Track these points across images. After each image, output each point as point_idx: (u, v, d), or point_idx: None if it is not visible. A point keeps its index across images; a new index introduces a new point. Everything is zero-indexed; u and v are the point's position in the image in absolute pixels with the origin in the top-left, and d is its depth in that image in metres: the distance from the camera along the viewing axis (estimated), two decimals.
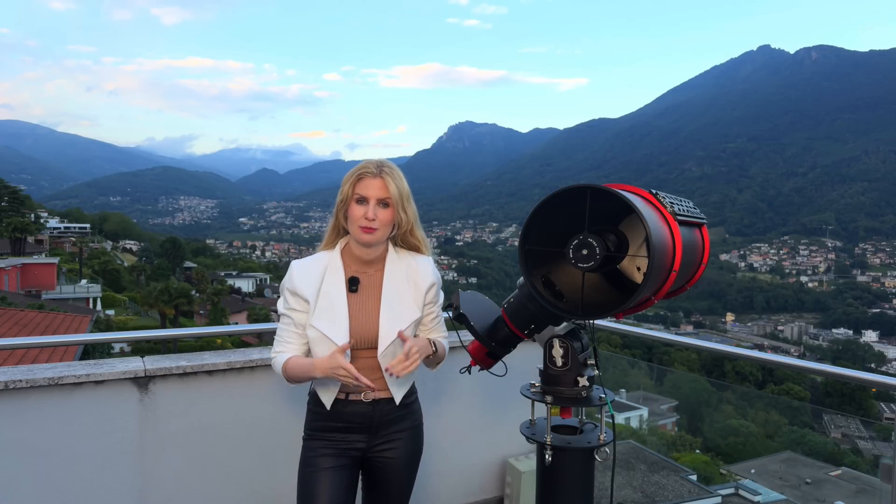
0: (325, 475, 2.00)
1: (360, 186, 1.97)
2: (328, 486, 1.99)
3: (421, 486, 2.33)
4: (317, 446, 2.05)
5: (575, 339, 1.90)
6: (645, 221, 1.48)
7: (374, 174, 1.97)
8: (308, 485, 2.01)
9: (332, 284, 2.01)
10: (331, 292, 2.00)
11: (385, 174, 1.97)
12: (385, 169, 1.98)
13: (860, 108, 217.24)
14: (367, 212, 1.94)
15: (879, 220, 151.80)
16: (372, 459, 2.10)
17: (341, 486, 2.01)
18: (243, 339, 21.32)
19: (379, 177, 1.97)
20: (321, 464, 2.02)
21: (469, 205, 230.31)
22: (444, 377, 3.37)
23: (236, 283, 61.55)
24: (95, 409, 2.60)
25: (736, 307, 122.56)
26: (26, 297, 28.92)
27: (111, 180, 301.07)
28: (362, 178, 1.97)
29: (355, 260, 2.06)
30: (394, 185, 1.96)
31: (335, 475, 2.01)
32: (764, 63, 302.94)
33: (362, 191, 1.96)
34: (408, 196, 2.02)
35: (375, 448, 2.08)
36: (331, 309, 1.99)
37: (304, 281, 2.01)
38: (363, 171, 1.98)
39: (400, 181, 1.99)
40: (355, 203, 1.97)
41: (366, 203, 1.95)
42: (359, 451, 2.07)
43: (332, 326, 1.97)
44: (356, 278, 2.04)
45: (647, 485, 4.52)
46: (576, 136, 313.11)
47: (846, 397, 27.78)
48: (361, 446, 2.06)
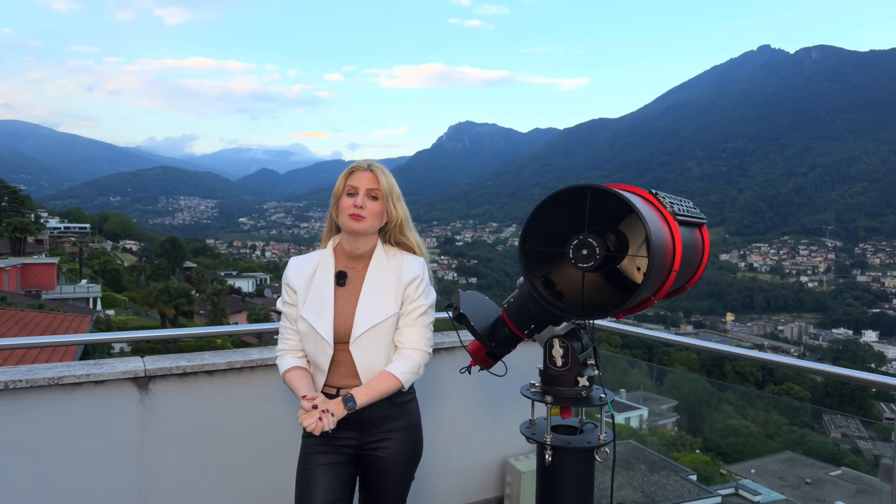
0: (320, 471, 2.04)
1: (351, 179, 2.09)
2: (323, 482, 2.03)
3: (421, 486, 2.33)
4: (313, 443, 2.09)
5: (575, 339, 1.90)
6: (645, 221, 1.48)
7: (364, 169, 2.10)
8: (304, 480, 2.06)
9: (322, 279, 2.10)
10: (320, 286, 2.09)
11: (374, 169, 2.10)
12: (374, 165, 2.11)
13: (860, 108, 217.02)
14: (356, 200, 2.04)
15: (879, 220, 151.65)
16: (366, 457, 2.12)
17: (336, 483, 2.04)
18: (243, 339, 21.33)
19: (369, 170, 2.09)
20: (317, 460, 2.06)
21: (469, 205, 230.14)
22: (444, 377, 3.37)
23: (236, 283, 61.50)
24: (95, 409, 2.61)
25: (736, 307, 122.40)
26: (26, 297, 28.91)
27: (111, 180, 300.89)
28: (353, 172, 2.10)
29: (346, 255, 2.13)
30: (383, 178, 2.09)
31: (330, 471, 2.05)
32: (764, 63, 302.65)
33: (353, 182, 2.08)
34: (398, 194, 2.13)
35: (368, 446, 2.10)
36: (319, 302, 2.07)
37: (296, 274, 2.12)
38: (355, 167, 2.12)
39: (389, 178, 2.11)
40: (346, 195, 2.07)
41: (355, 194, 2.06)
42: (352, 447, 2.10)
43: (318, 320, 2.05)
44: (344, 273, 2.11)
45: (647, 485, 4.52)
46: (576, 136, 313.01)
47: (846, 397, 27.74)
48: (353, 443, 2.09)
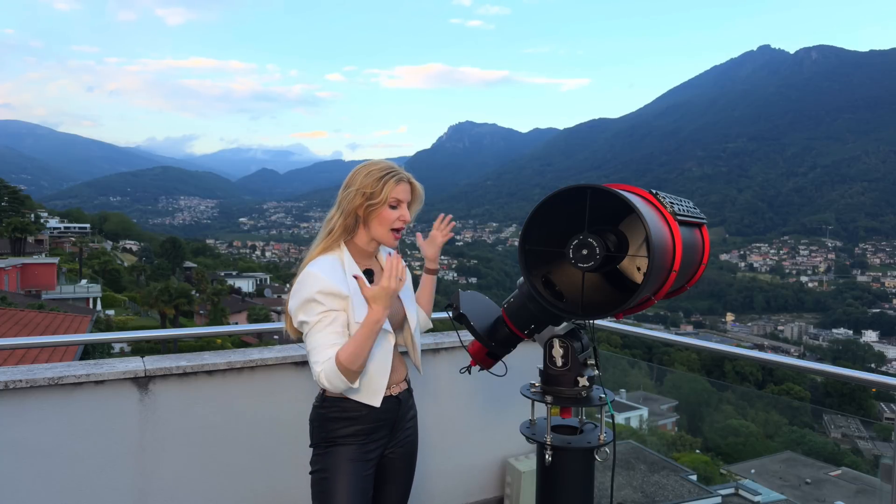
0: (356, 489, 1.95)
1: (396, 191, 2.02)
2: (360, 500, 1.95)
3: (421, 486, 2.33)
4: (342, 453, 1.97)
5: (575, 339, 1.90)
6: (645, 221, 1.48)
7: (405, 179, 2.06)
8: (332, 495, 1.94)
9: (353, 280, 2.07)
10: (355, 286, 2.04)
11: (414, 184, 2.10)
12: (412, 179, 2.11)
13: (860, 108, 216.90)
14: (401, 215, 2.03)
15: (879, 220, 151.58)
16: (386, 456, 2.09)
17: (365, 497, 1.98)
18: (243, 339, 21.35)
19: (408, 182, 2.08)
20: (350, 476, 1.95)
21: (469, 205, 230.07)
22: (444, 377, 3.38)
23: (236, 283, 61.44)
24: (95, 409, 2.60)
25: (736, 307, 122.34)
26: (26, 297, 28.89)
27: (111, 180, 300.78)
28: (399, 183, 2.03)
29: (359, 254, 2.11)
30: (418, 187, 2.10)
31: (362, 486, 1.97)
32: (764, 63, 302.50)
33: (399, 195, 2.03)
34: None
35: (391, 444, 2.09)
36: (363, 302, 1.95)
37: (335, 279, 1.98)
38: (398, 175, 2.04)
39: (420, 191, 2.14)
40: (389, 207, 2.02)
41: (397, 207, 2.04)
42: (379, 450, 2.05)
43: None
44: (371, 271, 2.09)
45: (647, 485, 4.52)
46: (576, 136, 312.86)
47: (846, 397, 27.73)
48: (383, 443, 2.05)
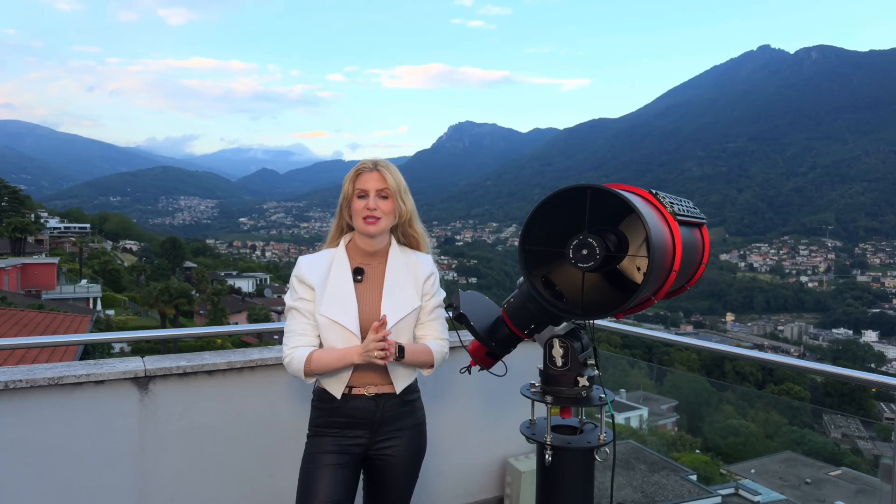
0: (325, 472, 2.04)
1: (359, 182, 2.11)
2: (327, 482, 2.03)
3: (421, 486, 2.33)
4: (319, 443, 2.10)
5: (575, 339, 1.90)
6: (645, 221, 1.48)
7: (370, 169, 2.12)
8: (308, 481, 2.06)
9: (339, 275, 2.12)
10: (338, 282, 2.11)
11: (381, 168, 2.12)
12: (380, 164, 2.14)
13: (860, 108, 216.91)
14: (368, 203, 2.07)
15: (879, 220, 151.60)
16: (373, 457, 2.13)
17: (340, 484, 2.05)
18: (243, 339, 21.35)
19: (375, 171, 2.11)
20: (322, 461, 2.06)
21: (469, 205, 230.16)
22: (444, 377, 3.37)
23: (236, 283, 61.45)
24: (95, 409, 2.60)
25: (736, 307, 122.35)
26: (26, 297, 28.90)
27: (111, 180, 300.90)
28: (360, 174, 2.11)
29: (360, 253, 2.17)
30: (390, 176, 2.12)
31: (335, 472, 2.05)
32: (764, 63, 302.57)
33: (362, 185, 2.10)
34: (405, 188, 2.16)
35: (377, 445, 2.11)
36: (340, 298, 2.09)
37: (311, 270, 2.12)
38: (361, 168, 2.13)
39: (396, 174, 2.14)
40: (357, 198, 2.10)
41: (366, 196, 2.09)
42: (360, 447, 2.10)
43: (342, 313, 2.06)
44: (361, 269, 2.15)
45: (647, 485, 4.52)
46: (576, 136, 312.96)
47: (846, 397, 27.72)
48: (363, 442, 2.10)
